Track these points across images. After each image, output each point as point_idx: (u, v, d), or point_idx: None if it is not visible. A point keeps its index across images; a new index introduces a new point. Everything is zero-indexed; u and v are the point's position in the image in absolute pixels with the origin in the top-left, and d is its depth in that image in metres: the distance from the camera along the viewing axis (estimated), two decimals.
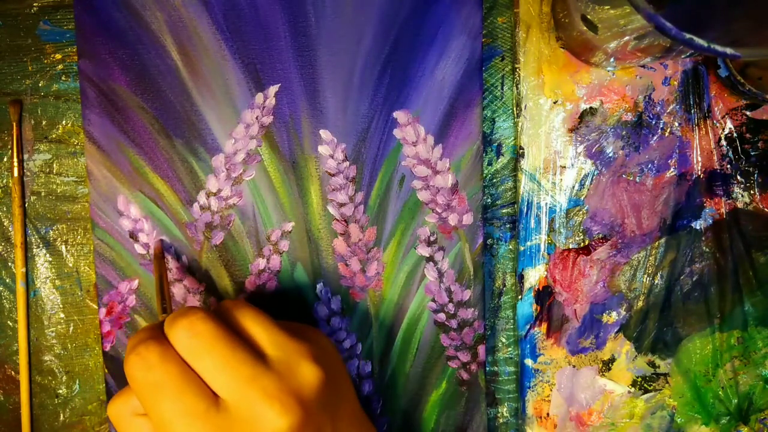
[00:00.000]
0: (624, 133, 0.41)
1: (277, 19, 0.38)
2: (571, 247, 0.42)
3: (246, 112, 0.39)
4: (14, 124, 0.39)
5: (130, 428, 0.29)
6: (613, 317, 0.42)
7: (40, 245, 0.40)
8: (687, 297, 0.42)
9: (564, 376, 0.42)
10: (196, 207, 0.39)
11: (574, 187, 0.41)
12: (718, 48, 0.26)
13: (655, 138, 0.41)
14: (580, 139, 0.41)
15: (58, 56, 0.39)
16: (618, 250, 0.42)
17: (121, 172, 0.39)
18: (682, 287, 0.42)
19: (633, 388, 0.43)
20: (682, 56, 0.33)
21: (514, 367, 0.42)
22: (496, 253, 0.41)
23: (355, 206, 0.39)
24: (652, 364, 0.42)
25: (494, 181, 0.41)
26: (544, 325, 0.42)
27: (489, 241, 0.41)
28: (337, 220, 0.39)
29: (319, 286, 0.40)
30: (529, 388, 0.42)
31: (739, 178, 0.41)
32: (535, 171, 0.41)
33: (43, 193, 0.40)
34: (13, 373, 0.40)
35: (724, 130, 0.41)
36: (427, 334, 0.40)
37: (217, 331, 0.28)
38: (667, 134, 0.41)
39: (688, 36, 0.25)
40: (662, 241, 0.42)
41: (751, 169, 0.41)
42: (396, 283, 0.40)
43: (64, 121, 0.40)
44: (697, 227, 0.42)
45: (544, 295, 0.42)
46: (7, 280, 0.40)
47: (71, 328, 0.40)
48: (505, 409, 0.42)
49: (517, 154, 0.41)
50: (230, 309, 0.31)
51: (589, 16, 0.34)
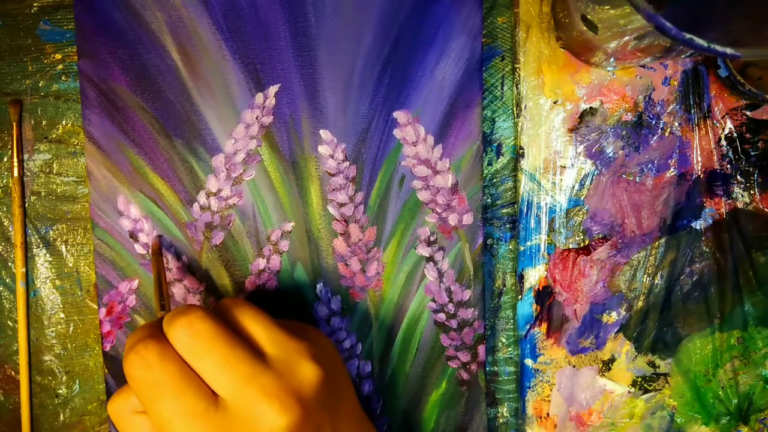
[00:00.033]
0: (624, 133, 0.41)
1: (277, 19, 0.38)
2: (571, 247, 0.42)
3: (246, 112, 0.39)
4: (14, 124, 0.39)
5: (130, 426, 0.29)
6: (613, 317, 0.42)
7: (40, 245, 0.40)
8: (687, 297, 0.42)
9: (564, 376, 0.42)
10: (196, 207, 0.39)
11: (574, 187, 0.41)
12: (718, 48, 0.26)
13: (655, 138, 0.41)
14: (580, 139, 0.41)
15: (58, 56, 0.39)
16: (618, 250, 0.42)
17: (121, 172, 0.39)
18: (682, 287, 0.42)
19: (633, 388, 0.43)
20: (682, 56, 0.33)
21: (514, 367, 0.42)
22: (496, 253, 0.41)
23: (355, 206, 0.39)
24: (652, 364, 0.42)
25: (494, 181, 0.41)
26: (544, 325, 0.42)
27: (489, 241, 0.41)
28: (337, 220, 0.39)
29: (319, 286, 0.40)
30: (529, 388, 0.42)
31: (739, 178, 0.41)
32: (535, 171, 0.41)
33: (43, 193, 0.40)
34: (13, 373, 0.40)
35: (724, 130, 0.41)
36: (427, 334, 0.40)
37: (216, 329, 0.28)
38: (667, 134, 0.41)
39: (688, 36, 0.25)
40: (662, 241, 0.42)
41: (751, 169, 0.41)
42: (396, 283, 0.40)
43: (64, 121, 0.40)
44: (697, 227, 0.42)
45: (544, 295, 0.42)
46: (7, 280, 0.40)
47: (71, 328, 0.40)
48: (505, 409, 0.42)
49: (517, 154, 0.41)
50: (229, 307, 0.31)
51: (589, 16, 0.34)
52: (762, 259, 0.42)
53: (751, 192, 0.41)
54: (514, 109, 0.41)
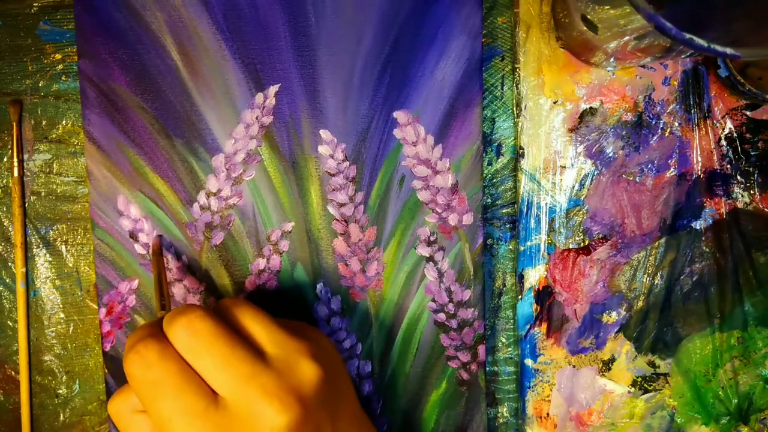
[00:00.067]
0: (624, 133, 0.41)
1: (277, 19, 0.38)
2: (571, 247, 0.42)
3: (246, 112, 0.39)
4: (14, 124, 0.39)
5: (131, 425, 0.29)
6: (613, 317, 0.42)
7: (40, 245, 0.40)
8: (687, 297, 0.42)
9: (564, 376, 0.42)
10: (196, 207, 0.39)
11: (574, 187, 0.41)
12: (718, 48, 0.26)
13: (655, 138, 0.41)
14: (580, 139, 0.41)
15: (58, 56, 0.39)
16: (618, 250, 0.42)
17: (121, 172, 0.39)
18: (682, 287, 0.42)
19: (633, 388, 0.43)
20: (682, 56, 0.33)
21: (514, 367, 0.42)
22: (496, 253, 0.41)
23: (355, 206, 0.39)
24: (652, 364, 0.42)
25: (494, 181, 0.41)
26: (544, 325, 0.42)
27: (489, 241, 0.41)
28: (337, 220, 0.39)
29: (319, 286, 0.40)
30: (529, 388, 0.42)
31: (739, 178, 0.41)
32: (535, 171, 0.41)
33: (43, 193, 0.40)
34: (13, 373, 0.40)
35: (724, 130, 0.41)
36: (427, 334, 0.40)
37: (216, 329, 0.28)
38: (667, 134, 0.41)
39: (688, 36, 0.25)
40: (662, 241, 0.42)
41: (751, 169, 0.41)
42: (396, 283, 0.40)
43: (64, 121, 0.40)
44: (697, 227, 0.42)
45: (544, 295, 0.42)
46: (7, 280, 0.40)
47: (71, 328, 0.40)
48: (505, 409, 0.42)
49: (517, 154, 0.41)
50: (229, 307, 0.31)
51: (589, 16, 0.34)
52: (762, 259, 0.42)
53: (751, 192, 0.41)
54: (514, 109, 0.41)
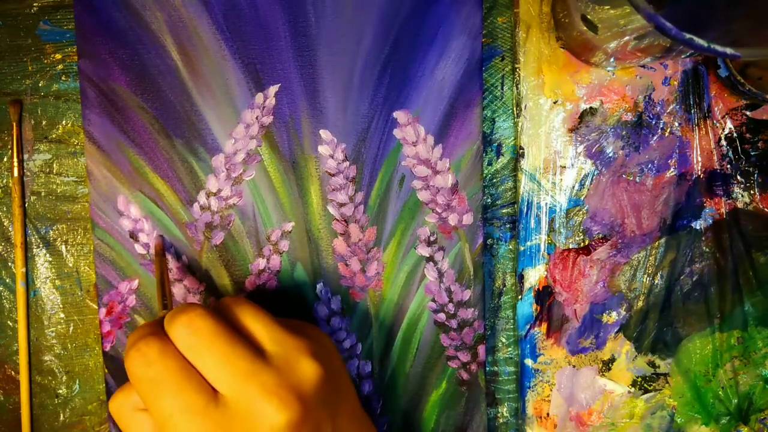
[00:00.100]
0: (624, 133, 0.41)
1: (277, 19, 0.38)
2: (571, 247, 0.42)
3: (246, 112, 0.39)
4: (14, 124, 0.39)
5: (132, 423, 0.29)
6: (613, 317, 0.42)
7: (40, 245, 0.40)
8: (687, 297, 0.42)
9: (564, 376, 0.42)
10: (196, 207, 0.39)
11: (574, 187, 0.41)
12: (718, 48, 0.26)
13: (655, 138, 0.41)
14: (580, 139, 0.41)
15: (58, 56, 0.39)
16: (618, 250, 0.42)
17: (121, 172, 0.39)
18: (682, 287, 0.42)
19: (633, 388, 0.43)
20: (682, 56, 0.33)
21: (514, 367, 0.42)
22: (496, 253, 0.41)
23: (355, 206, 0.39)
24: (652, 364, 0.42)
25: (494, 181, 0.41)
26: (544, 325, 0.42)
27: (489, 241, 0.41)
28: (337, 220, 0.39)
29: (319, 286, 0.40)
30: (529, 388, 0.42)
31: (739, 178, 0.41)
32: (535, 171, 0.41)
33: (43, 193, 0.40)
34: (13, 373, 0.40)
35: (724, 130, 0.41)
36: (427, 334, 0.40)
37: (217, 327, 0.28)
38: (667, 134, 0.41)
39: (688, 36, 0.26)
40: (662, 241, 0.42)
41: (751, 169, 0.41)
42: (396, 283, 0.40)
43: (64, 121, 0.40)
44: (697, 227, 0.42)
45: (544, 295, 0.42)
46: (7, 280, 0.40)
47: (71, 328, 0.40)
48: (505, 409, 0.42)
49: (517, 154, 0.41)
50: (230, 306, 0.31)
51: (589, 16, 0.34)
52: (762, 259, 0.42)
53: (751, 192, 0.42)
54: (514, 109, 0.41)
